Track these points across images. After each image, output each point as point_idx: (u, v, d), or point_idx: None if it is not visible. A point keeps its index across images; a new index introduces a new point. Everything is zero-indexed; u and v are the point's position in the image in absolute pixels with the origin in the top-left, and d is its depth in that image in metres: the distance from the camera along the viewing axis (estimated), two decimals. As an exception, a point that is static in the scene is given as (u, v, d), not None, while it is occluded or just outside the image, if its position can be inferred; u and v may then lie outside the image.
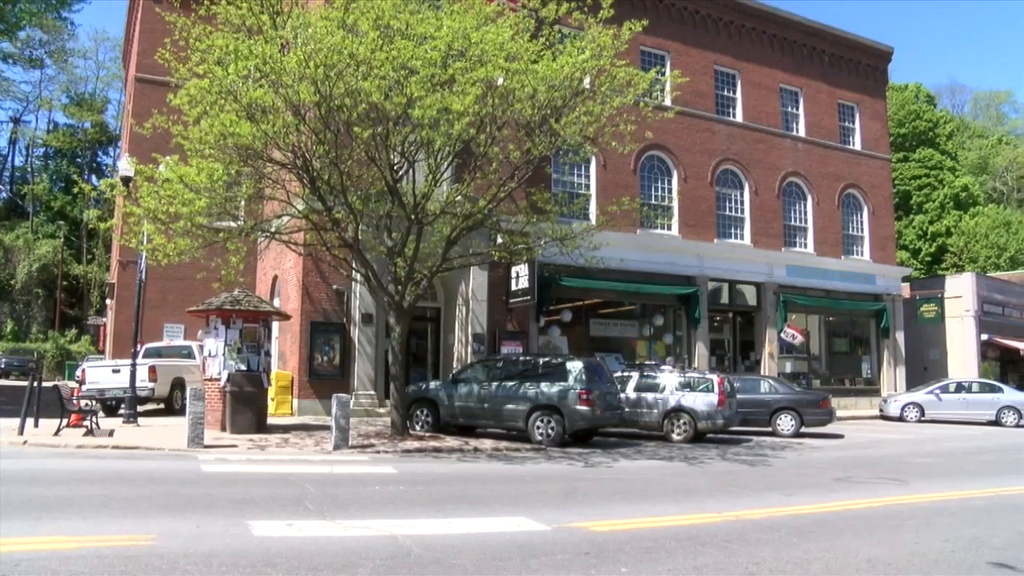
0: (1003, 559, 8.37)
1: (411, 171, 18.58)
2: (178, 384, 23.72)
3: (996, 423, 31.28)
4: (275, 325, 23.95)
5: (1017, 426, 30.85)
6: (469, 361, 24.07)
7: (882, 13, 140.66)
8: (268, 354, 20.49)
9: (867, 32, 70.16)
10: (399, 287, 18.57)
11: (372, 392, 23.91)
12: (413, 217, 18.18)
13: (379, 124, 16.87)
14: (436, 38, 16.10)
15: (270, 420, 20.29)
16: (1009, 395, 32.46)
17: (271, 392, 21.53)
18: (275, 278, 27.33)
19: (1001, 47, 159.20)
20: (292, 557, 7.42)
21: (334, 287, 23.94)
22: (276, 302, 26.35)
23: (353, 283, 23.71)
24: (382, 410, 23.02)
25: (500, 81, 16.77)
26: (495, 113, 17.25)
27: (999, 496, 13.23)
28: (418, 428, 19.91)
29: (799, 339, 34.41)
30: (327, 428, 18.17)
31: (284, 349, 25.02)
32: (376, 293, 19.32)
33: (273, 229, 19.62)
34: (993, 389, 33.06)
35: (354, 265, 20.07)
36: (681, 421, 21.20)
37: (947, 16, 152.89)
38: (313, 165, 17.39)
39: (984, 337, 42.80)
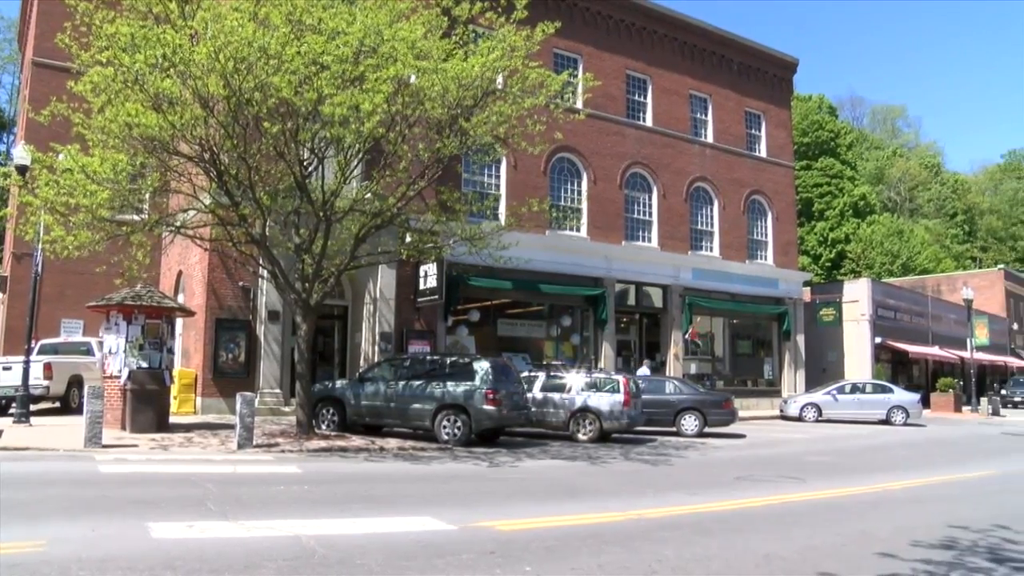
0: (888, 550, 8.75)
1: (320, 168, 18.39)
2: (75, 382, 22.95)
3: (886, 422, 32.60)
4: (179, 322, 23.44)
5: (905, 424, 32.32)
6: (376, 360, 23.92)
7: (789, 26, 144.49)
8: (171, 351, 20.05)
9: (774, 43, 71.73)
10: (306, 284, 18.35)
11: (278, 391, 23.59)
12: (322, 214, 17.99)
13: (289, 119, 16.66)
14: (348, 34, 15.94)
15: (172, 419, 19.85)
16: (899, 395, 33.98)
17: (174, 390, 21.05)
18: (180, 274, 26.74)
19: (897, 64, 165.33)
20: (192, 559, 7.26)
21: (240, 284, 23.54)
22: (180, 298, 25.77)
23: (260, 280, 23.36)
24: (287, 409, 22.74)
25: (412, 79, 16.71)
26: (406, 112, 17.17)
27: (885, 491, 13.95)
28: (324, 427, 19.72)
29: (693, 343, 34.97)
30: (231, 427, 17.83)
31: (188, 346, 24.50)
32: (283, 290, 19.07)
33: (179, 223, 19.20)
34: (885, 390, 34.52)
35: (261, 262, 19.78)
36: (587, 421, 21.40)
37: (849, 32, 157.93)
38: (221, 159, 17.06)
39: (878, 340, 44.42)
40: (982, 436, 28.42)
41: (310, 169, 18.19)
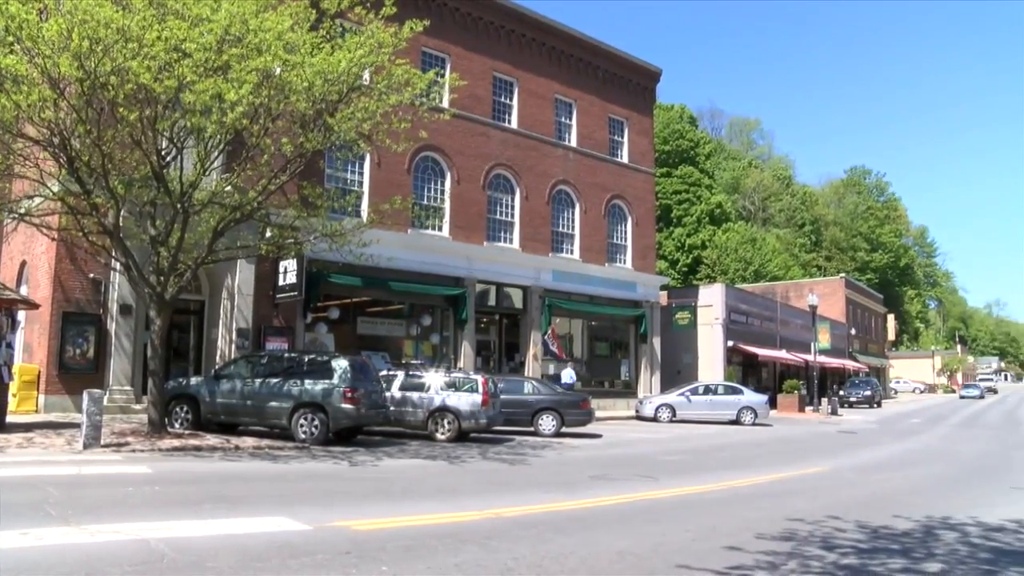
0: (734, 543, 9.15)
1: (179, 158, 17.74)
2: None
3: (736, 422, 33.94)
4: (21, 315, 22.33)
5: (753, 424, 33.73)
6: (233, 357, 23.34)
7: (653, 37, 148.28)
8: (11, 346, 19.07)
9: (639, 53, 73.53)
10: (161, 278, 17.73)
11: (129, 388, 22.71)
12: (179, 206, 17.39)
13: (147, 106, 16.03)
14: (212, 21, 15.48)
15: (11, 418, 18.77)
16: (748, 396, 35.45)
17: (13, 387, 20.00)
18: (23, 264, 25.43)
19: (755, 80, 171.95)
20: (26, 570, 6.81)
21: (91, 276, 22.55)
22: (23, 290, 24.49)
23: (112, 272, 22.40)
24: (139, 407, 21.93)
25: (277, 71, 16.38)
26: (270, 104, 16.80)
27: (733, 488, 14.53)
28: (177, 426, 19.11)
29: (557, 351, 35.39)
30: (77, 426, 17.06)
31: (31, 341, 23.32)
32: (136, 284, 18.37)
33: (23, 211, 18.26)
34: (735, 391, 35.96)
35: (114, 253, 18.96)
36: (446, 420, 21.44)
37: (710, 46, 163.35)
38: (72, 144, 16.25)
39: (730, 343, 46.09)
40: (821, 435, 29.93)
41: (168, 159, 17.53)
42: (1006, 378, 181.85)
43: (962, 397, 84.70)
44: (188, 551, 7.69)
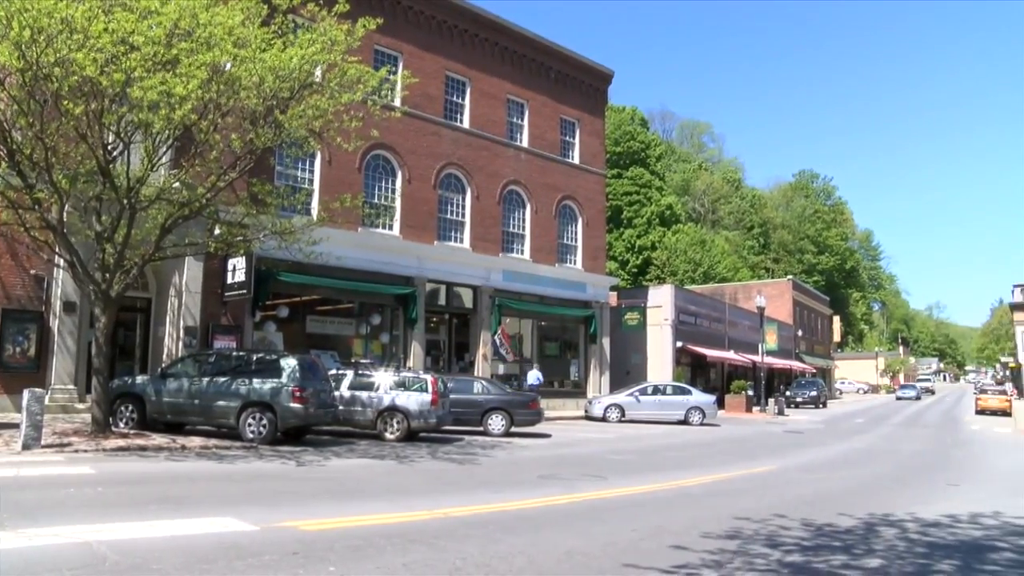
0: (680, 542, 9.25)
1: (126, 152, 17.44)
2: None
3: (685, 422, 34.23)
4: (-41, 310, 21.80)
5: (702, 424, 34.07)
6: (180, 355, 23.00)
7: (606, 38, 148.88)
8: (-52, 342, 18.62)
9: (592, 55, 73.93)
10: (107, 275, 17.42)
11: (72, 387, 22.26)
12: (126, 201, 17.09)
13: (93, 100, 15.72)
14: (161, 14, 15.24)
15: (-53, 416, 18.41)
16: (696, 397, 35.78)
17: (-50, 384, 19.57)
18: (-39, 259, 24.89)
19: (705, 83, 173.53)
20: (-41, 576, 6.61)
21: (32, 272, 22.07)
22: (-39, 285, 23.97)
23: (55, 269, 21.96)
24: (82, 406, 21.51)
25: (227, 67, 16.17)
26: (220, 100, 16.59)
27: (679, 487, 14.68)
28: (122, 425, 18.80)
29: (510, 356, 35.34)
30: (16, 426, 16.70)
31: (-32, 337, 22.80)
32: (81, 280, 18.03)
33: (-40, 205, 17.85)
34: (684, 391, 36.28)
35: (57, 249, 18.57)
36: (395, 420, 21.36)
37: (662, 50, 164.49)
38: (13, 137, 15.92)
39: (679, 344, 46.47)
40: (768, 434, 30.31)
41: (115, 153, 17.21)
42: (945, 378, 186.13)
43: (898, 399, 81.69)
44: (132, 553, 7.55)
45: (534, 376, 35.36)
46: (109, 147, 16.90)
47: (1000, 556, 9.44)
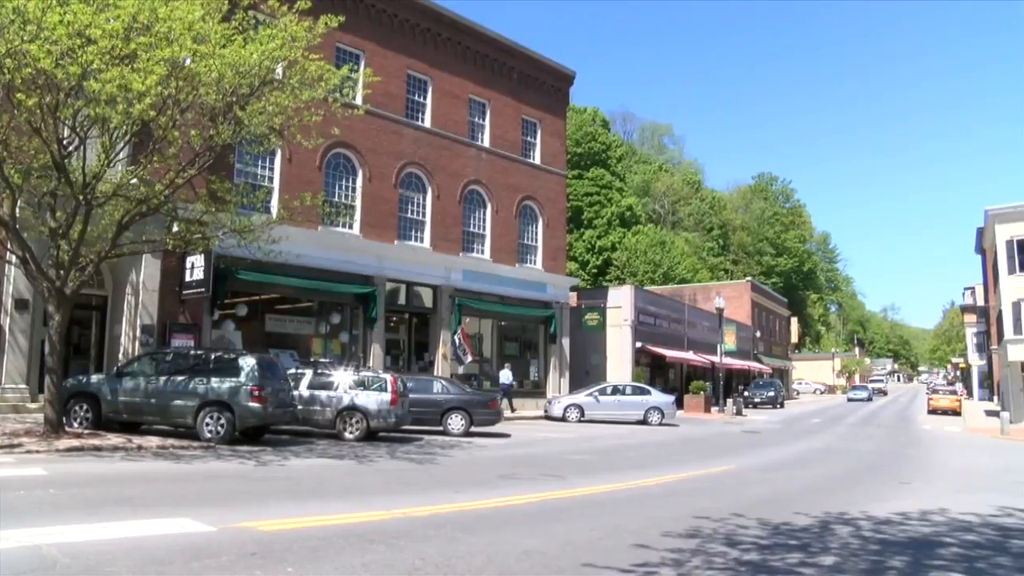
0: (640, 541, 9.33)
1: (82, 148, 17.14)
2: None
3: (644, 422, 34.45)
4: (-92, 307, 21.37)
5: (661, 424, 34.30)
6: (137, 354, 22.72)
7: (568, 39, 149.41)
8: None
9: (553, 55, 74.20)
10: (61, 272, 17.15)
11: (24, 386, 21.90)
12: (81, 197, 16.82)
13: (48, 93, 15.45)
14: (119, 7, 15.01)
15: None
16: (655, 397, 36.02)
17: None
18: (-90, 255, 24.42)
19: (666, 85, 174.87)
20: None
21: (-17, 268, 21.75)
22: (-89, 282, 23.51)
23: (7, 265, 21.58)
24: (34, 406, 21.19)
25: (186, 62, 15.99)
26: (178, 95, 16.40)
27: (639, 487, 14.77)
28: (76, 425, 18.55)
29: (468, 357, 35.21)
30: (-34, 423, 16.46)
31: (-83, 335, 22.39)
32: (34, 278, 17.71)
33: (-93, 199, 17.49)
34: (643, 392, 36.52)
35: (9, 246, 18.26)
36: (354, 420, 21.28)
37: (623, 51, 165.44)
38: (-38, 130, 15.66)
39: (638, 344, 46.70)
40: (726, 434, 30.61)
41: (70, 148, 16.93)
42: (899, 379, 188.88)
43: (849, 400, 78.89)
44: (84, 556, 7.40)
45: (505, 376, 35.46)
46: (64, 142, 16.62)
47: (947, 551, 9.69)
